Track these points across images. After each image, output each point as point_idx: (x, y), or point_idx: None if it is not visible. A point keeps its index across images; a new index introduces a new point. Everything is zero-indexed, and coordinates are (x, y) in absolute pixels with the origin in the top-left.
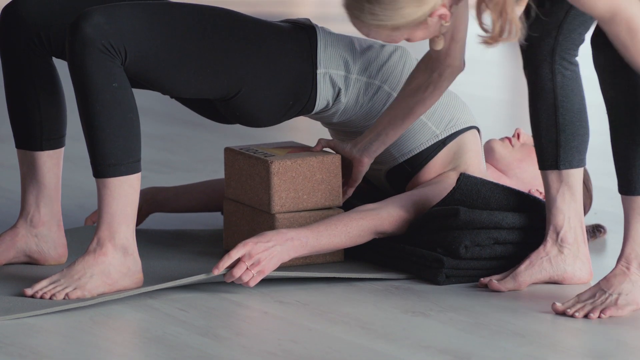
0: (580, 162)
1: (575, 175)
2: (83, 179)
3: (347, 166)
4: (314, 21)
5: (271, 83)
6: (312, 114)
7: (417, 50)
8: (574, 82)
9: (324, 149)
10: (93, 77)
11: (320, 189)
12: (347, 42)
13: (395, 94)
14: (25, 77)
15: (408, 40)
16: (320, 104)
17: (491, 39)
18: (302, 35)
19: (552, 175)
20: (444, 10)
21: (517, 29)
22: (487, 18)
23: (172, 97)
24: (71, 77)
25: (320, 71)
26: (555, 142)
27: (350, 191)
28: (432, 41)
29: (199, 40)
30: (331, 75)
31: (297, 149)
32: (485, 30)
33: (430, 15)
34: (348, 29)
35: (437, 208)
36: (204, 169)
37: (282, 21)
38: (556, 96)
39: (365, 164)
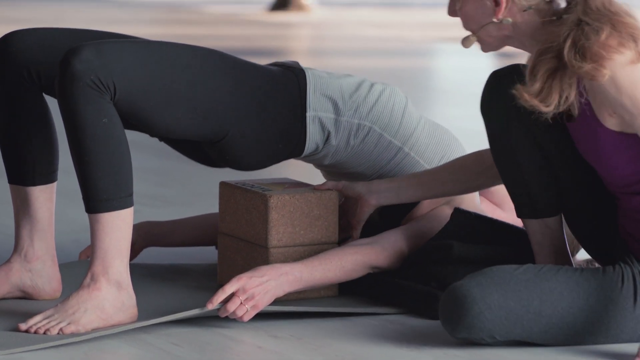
0: (556, 210)
1: (554, 219)
2: (77, 213)
3: (351, 208)
4: (308, 55)
5: (260, 126)
6: (301, 157)
7: (407, 86)
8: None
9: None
10: (82, 113)
11: (317, 225)
12: (336, 84)
13: (386, 134)
14: (16, 113)
15: (460, 6)
16: (309, 147)
17: (526, 94)
18: (291, 78)
19: (532, 221)
20: None
21: (554, 102)
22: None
23: (160, 139)
24: (61, 113)
25: (309, 114)
26: (527, 195)
27: (357, 233)
28: (465, 38)
29: (189, 79)
30: (320, 118)
31: (294, 185)
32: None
33: None
34: (341, 63)
35: (432, 242)
36: (198, 203)
37: (271, 64)
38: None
39: (372, 206)
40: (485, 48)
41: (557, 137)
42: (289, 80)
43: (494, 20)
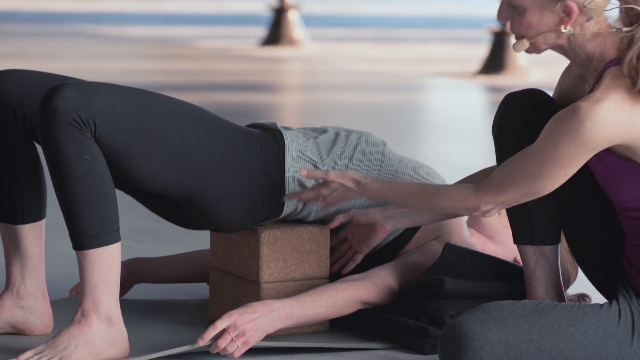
0: (554, 240)
1: (551, 248)
2: (68, 248)
3: (359, 232)
4: (300, 90)
5: (239, 185)
6: (281, 217)
7: (398, 121)
8: None
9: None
10: (64, 150)
11: (308, 260)
12: (313, 144)
13: None
14: (3, 152)
15: (518, 21)
16: (288, 208)
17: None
18: (270, 140)
19: (529, 249)
20: (575, 9)
21: None
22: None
23: (138, 198)
24: (43, 151)
25: (288, 175)
26: (528, 219)
27: (360, 257)
28: (518, 43)
29: (170, 128)
30: (299, 179)
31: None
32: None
33: (565, 1)
34: (333, 98)
35: (423, 278)
36: (189, 238)
37: (249, 125)
38: None
39: (386, 231)
40: (532, 51)
41: None
42: (267, 142)
43: (562, 29)
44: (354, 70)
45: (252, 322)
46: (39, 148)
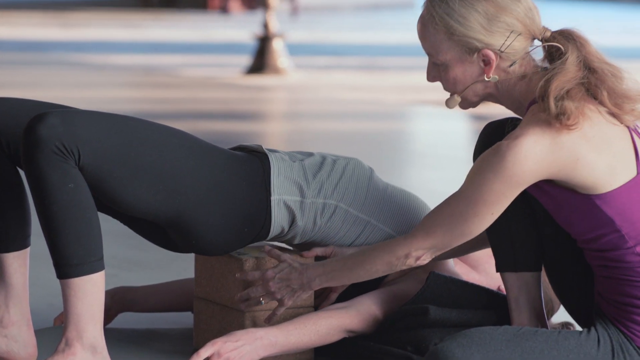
0: (536, 266)
1: (533, 275)
2: (52, 276)
3: None
4: (285, 119)
5: (225, 209)
6: (267, 239)
7: (383, 149)
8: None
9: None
10: (48, 179)
11: None
12: (299, 167)
13: (352, 210)
14: None
15: (445, 78)
16: (274, 230)
17: (550, 116)
18: (255, 162)
19: (511, 276)
20: (492, 56)
21: (576, 117)
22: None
23: (124, 221)
24: (27, 179)
25: (274, 198)
26: (510, 246)
27: (334, 296)
28: (449, 99)
29: (154, 154)
30: (285, 202)
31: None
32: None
33: (482, 50)
34: (317, 126)
35: (407, 306)
36: (174, 267)
37: (234, 148)
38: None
39: None
40: (466, 106)
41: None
42: (253, 165)
43: (485, 78)
44: (338, 98)
45: (235, 350)
46: (24, 176)
